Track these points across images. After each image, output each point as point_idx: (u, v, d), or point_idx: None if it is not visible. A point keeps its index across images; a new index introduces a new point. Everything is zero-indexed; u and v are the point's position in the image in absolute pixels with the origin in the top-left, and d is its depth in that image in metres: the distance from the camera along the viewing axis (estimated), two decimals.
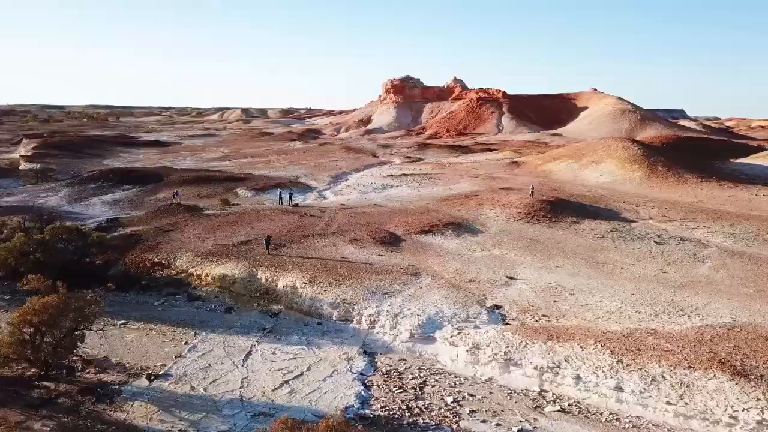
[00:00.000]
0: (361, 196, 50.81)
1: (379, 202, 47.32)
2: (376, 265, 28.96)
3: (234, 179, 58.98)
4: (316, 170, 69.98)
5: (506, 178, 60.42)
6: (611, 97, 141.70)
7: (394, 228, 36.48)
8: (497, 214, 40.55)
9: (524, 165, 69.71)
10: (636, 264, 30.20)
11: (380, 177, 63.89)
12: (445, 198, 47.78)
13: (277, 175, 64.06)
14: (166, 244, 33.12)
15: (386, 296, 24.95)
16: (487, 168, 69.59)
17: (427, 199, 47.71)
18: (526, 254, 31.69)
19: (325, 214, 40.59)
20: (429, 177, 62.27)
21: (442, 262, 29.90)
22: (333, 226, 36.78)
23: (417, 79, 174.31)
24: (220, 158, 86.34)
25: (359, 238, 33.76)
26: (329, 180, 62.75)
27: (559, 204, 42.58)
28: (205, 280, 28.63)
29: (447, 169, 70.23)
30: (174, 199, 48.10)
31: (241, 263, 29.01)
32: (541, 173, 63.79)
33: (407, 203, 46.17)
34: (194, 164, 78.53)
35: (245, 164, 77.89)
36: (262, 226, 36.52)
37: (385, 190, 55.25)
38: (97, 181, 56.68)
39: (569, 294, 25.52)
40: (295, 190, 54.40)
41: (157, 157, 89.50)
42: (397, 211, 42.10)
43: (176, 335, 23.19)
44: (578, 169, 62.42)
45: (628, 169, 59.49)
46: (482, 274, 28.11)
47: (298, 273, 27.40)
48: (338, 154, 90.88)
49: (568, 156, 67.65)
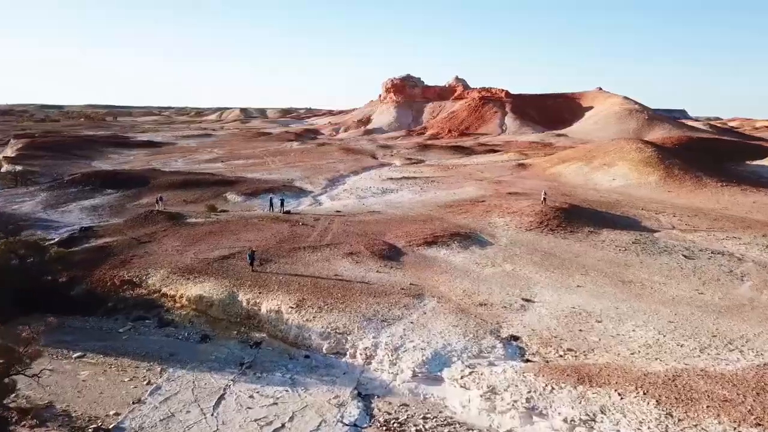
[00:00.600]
0: (359, 202, 47.43)
1: (378, 208, 43.93)
2: (374, 284, 25.58)
3: (224, 183, 55.59)
4: (313, 173, 66.59)
5: (513, 181, 57.01)
6: (617, 97, 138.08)
7: (395, 239, 33.09)
8: (507, 223, 37.15)
9: (531, 167, 66.29)
10: (667, 283, 26.79)
11: (380, 180, 60.50)
12: (449, 204, 44.37)
13: (271, 178, 60.68)
14: (140, 258, 29.72)
15: (385, 324, 21.55)
16: (492, 170, 66.17)
17: (430, 206, 44.32)
18: (542, 270, 28.28)
19: (319, 223, 37.19)
20: (431, 180, 58.86)
21: (448, 281, 26.50)
22: (327, 237, 33.39)
23: (418, 78, 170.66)
24: (213, 160, 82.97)
25: (355, 251, 30.36)
26: (326, 183, 59.35)
27: (574, 211, 39.19)
28: (180, 302, 25.24)
29: (450, 171, 66.82)
30: (157, 205, 44.70)
31: (221, 282, 25.62)
32: (549, 176, 60.37)
33: (408, 210, 42.77)
34: (185, 166, 75.15)
35: (239, 166, 74.51)
36: (249, 237, 33.12)
37: (385, 194, 51.85)
38: (78, 184, 53.31)
39: (596, 321, 22.11)
40: (289, 194, 51.03)
41: (148, 158, 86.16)
42: (397, 220, 38.71)
43: (139, 372, 19.81)
44: (589, 172, 59.01)
45: (643, 173, 56.11)
46: (494, 296, 24.71)
47: (285, 294, 24.01)
48: (336, 155, 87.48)
49: (577, 158, 64.24)
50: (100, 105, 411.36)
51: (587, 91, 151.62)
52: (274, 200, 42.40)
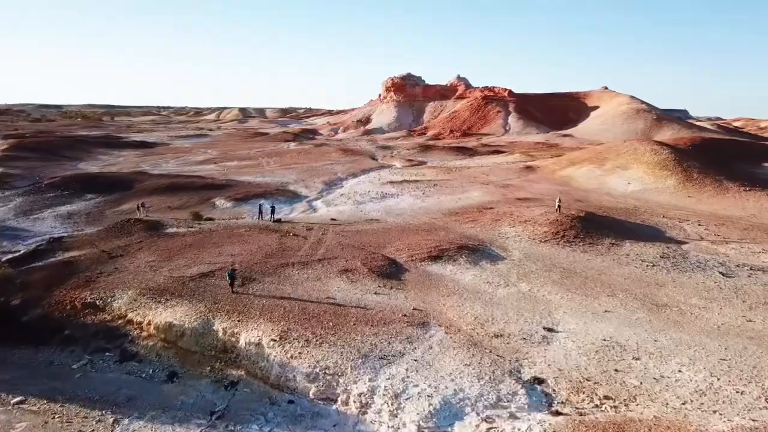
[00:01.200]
0: (357, 208, 44.02)
1: (377, 216, 40.53)
2: (372, 309, 22.19)
3: (213, 187, 52.20)
4: (309, 175, 63.19)
5: (521, 185, 53.58)
6: (624, 96, 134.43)
7: (395, 253, 29.69)
8: (519, 234, 33.74)
9: (539, 170, 62.84)
10: (708, 307, 23.37)
11: (379, 184, 57.09)
12: (454, 211, 40.97)
13: (264, 182, 57.28)
14: (108, 276, 26.33)
15: (384, 363, 18.16)
16: (498, 173, 62.74)
17: (434, 213, 40.91)
18: (563, 291, 24.87)
19: (312, 234, 33.79)
20: (434, 184, 55.44)
21: (457, 304, 23.10)
22: (319, 251, 29.98)
23: (418, 77, 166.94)
24: (206, 161, 79.55)
25: (351, 268, 26.95)
26: (322, 187, 55.94)
27: (592, 220, 35.77)
28: (147, 331, 21.84)
29: (453, 174, 63.38)
30: (138, 212, 41.38)
31: (196, 306, 22.24)
32: (560, 180, 56.94)
33: (410, 218, 39.36)
34: (176, 168, 71.71)
35: (232, 168, 71.11)
36: (233, 251, 29.73)
37: (385, 200, 48.43)
38: (57, 188, 49.95)
39: (633, 358, 18.70)
40: (281, 200, 47.63)
41: (139, 159, 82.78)
42: (398, 229, 35.31)
43: (87, 425, 16.43)
44: (602, 175, 55.58)
45: (659, 176, 52.69)
46: (511, 324, 21.30)
47: (267, 323, 20.62)
48: (334, 156, 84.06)
49: (588, 160, 60.81)
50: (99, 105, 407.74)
51: (592, 91, 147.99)
52: (263, 207, 38.98)
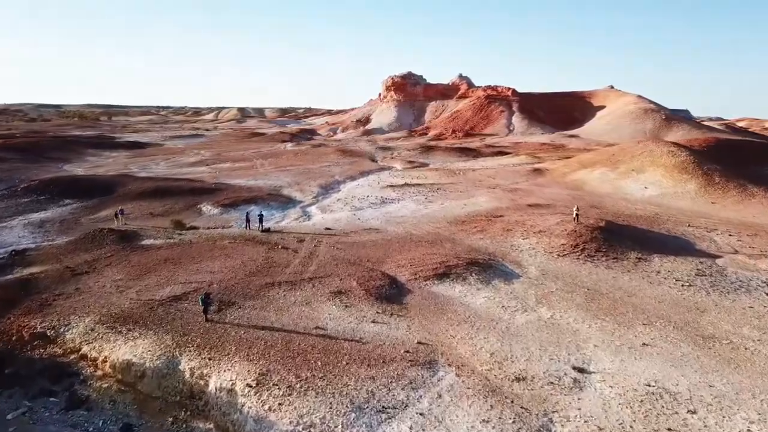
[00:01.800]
0: (354, 216, 40.60)
1: (376, 224, 37.11)
2: (368, 343, 18.80)
3: (201, 191, 48.78)
4: (304, 178, 59.78)
5: (530, 190, 50.15)
6: (631, 95, 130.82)
7: (396, 269, 26.29)
8: (534, 247, 30.32)
9: (549, 173, 59.40)
10: (764, 339, 19.94)
11: (379, 187, 53.68)
12: (460, 219, 37.55)
13: (256, 185, 53.86)
14: (67, 298, 22.96)
15: (383, 418, 14.77)
16: (505, 176, 59.31)
17: (438, 221, 37.49)
18: (591, 318, 21.46)
19: (303, 246, 30.39)
20: (437, 188, 52.02)
21: (468, 336, 19.70)
22: (310, 267, 26.57)
23: (419, 75, 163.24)
24: (198, 163, 76.14)
25: (345, 289, 23.55)
26: (317, 191, 52.52)
27: (613, 230, 32.35)
28: (102, 369, 18.48)
29: (457, 177, 59.95)
30: (116, 221, 38.05)
31: (161, 339, 18.86)
32: (571, 184, 53.52)
33: (412, 227, 35.94)
34: (165, 170, 68.32)
35: (224, 170, 67.69)
36: (213, 267, 26.34)
37: (385, 205, 45.02)
38: (33, 193, 46.56)
39: (688, 411, 15.29)
40: (273, 206, 44.23)
41: (128, 160, 79.40)
42: (399, 241, 31.89)
43: None
44: (616, 179, 52.14)
45: (679, 180, 49.25)
46: (534, 363, 17.89)
47: (243, 362, 17.24)
48: (332, 157, 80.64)
49: (600, 162, 57.37)
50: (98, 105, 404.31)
51: (598, 90, 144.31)
52: (251, 215, 35.54)
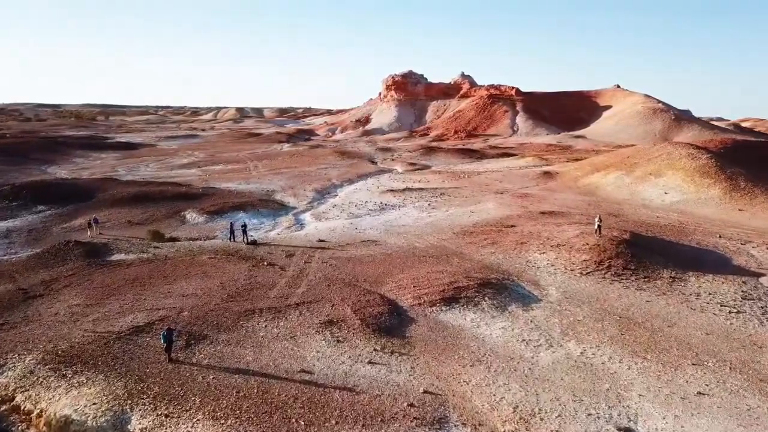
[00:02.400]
0: (351, 225, 37.15)
1: (375, 235, 33.65)
2: (364, 393, 15.37)
3: (187, 197, 45.34)
4: (299, 182, 56.36)
5: (542, 195, 46.68)
6: (638, 95, 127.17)
7: (397, 291, 22.86)
8: (552, 263, 26.86)
9: (559, 177, 55.92)
10: None
11: (378, 192, 50.25)
12: (467, 229, 34.08)
13: (247, 190, 50.43)
14: (10, 329, 19.54)
15: None
16: (513, 180, 55.84)
17: (443, 231, 34.03)
18: (629, 356, 17.99)
19: (292, 262, 26.95)
20: (441, 193, 48.57)
21: (485, 383, 16.25)
22: (298, 290, 23.13)
23: (420, 74, 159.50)
24: (189, 164, 72.71)
25: (338, 317, 20.11)
26: (313, 196, 49.09)
27: (639, 243, 28.89)
28: (37, 426, 15.04)
29: (462, 180, 56.50)
30: (89, 231, 34.64)
31: (112, 386, 15.45)
32: (584, 188, 50.04)
33: (415, 238, 32.48)
34: (153, 172, 64.92)
35: (215, 173, 64.26)
36: (186, 289, 22.90)
37: (385, 212, 41.59)
38: (4, 198, 43.11)
39: None
40: (264, 213, 40.81)
41: (117, 162, 76.01)
42: (401, 255, 28.44)
43: None
44: (633, 183, 48.66)
45: (701, 185, 45.77)
46: (568, 421, 14.43)
47: (208, 421, 13.83)
48: (330, 159, 77.20)
49: (615, 166, 53.90)
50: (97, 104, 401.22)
51: (604, 89, 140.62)
52: (235, 226, 32.05)
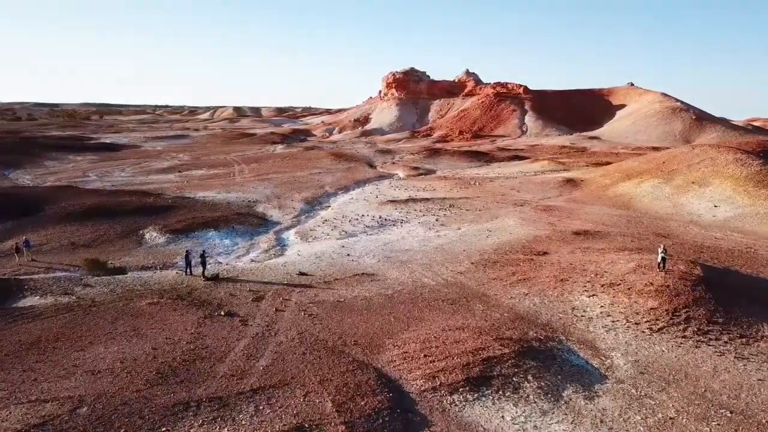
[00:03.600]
0: (343, 249, 30.27)
1: (371, 264, 26.75)
2: None
3: (153, 209, 38.49)
4: (287, 189, 49.52)
5: (569, 208, 39.78)
6: (654, 93, 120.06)
7: (402, 365, 16.00)
8: (608, 311, 19.97)
9: (584, 185, 48.95)
10: None
11: (377, 203, 43.40)
12: (489, 257, 27.14)
13: (226, 200, 43.56)
14: None
15: None
16: (532, 189, 48.92)
17: (458, 259, 27.11)
18: None
19: (260, 310, 20.07)
20: (450, 205, 41.69)
21: None
22: (260, 361, 16.23)
23: (423, 72, 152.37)
24: (168, 169, 65.85)
25: (312, 420, 13.21)
26: (301, 208, 42.24)
27: (716, 281, 21.95)
28: None
29: (473, 189, 49.62)
30: (17, 257, 27.91)
31: None
32: (616, 199, 43.11)
33: (423, 269, 25.57)
34: (126, 179, 58.11)
35: (195, 178, 57.43)
36: (102, 361, 16.03)
37: (384, 230, 34.76)
38: None
39: None
40: (239, 231, 33.98)
41: (90, 166, 69.22)
42: (405, 299, 21.54)
43: None
44: (674, 194, 41.74)
45: (756, 196, 38.89)
46: None
47: None
48: (324, 162, 70.31)
49: (649, 172, 46.98)
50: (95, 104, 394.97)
51: (617, 87, 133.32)
52: (192, 255, 25.05)
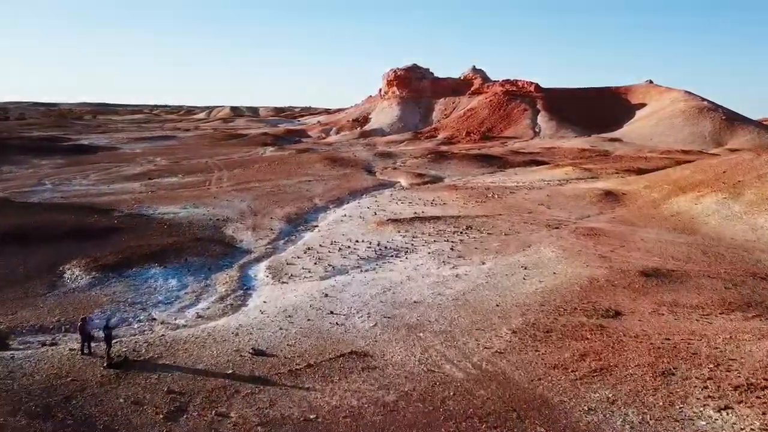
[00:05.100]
0: (327, 299, 21.88)
1: (365, 333, 18.33)
2: None
3: (90, 232, 30.23)
4: (268, 203, 41.25)
5: (617, 233, 31.39)
6: (677, 91, 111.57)
7: None
8: None
9: (628, 199, 40.50)
10: None
11: (375, 222, 35.06)
12: (535, 319, 18.73)
13: (189, 218, 35.24)
14: None
15: None
16: (562, 202, 40.54)
17: (490, 323, 18.72)
18: None
19: None
20: (466, 226, 33.33)
21: None
22: None
23: (426, 69, 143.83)
24: (137, 176, 57.59)
25: None
26: (280, 229, 33.99)
27: None
28: None
29: (492, 203, 41.26)
30: None
31: None
32: (673, 220, 34.72)
33: (442, 346, 17.16)
34: (84, 188, 49.92)
35: (163, 188, 49.17)
36: None
37: (384, 265, 26.44)
38: None
39: None
40: (193, 266, 25.69)
41: (51, 172, 61.11)
42: (417, 421, 13.16)
43: None
44: (747, 213, 33.33)
45: None
46: None
47: None
48: (317, 168, 62.01)
49: (706, 184, 38.62)
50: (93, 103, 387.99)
51: (636, 85, 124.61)
52: (91, 327, 16.59)
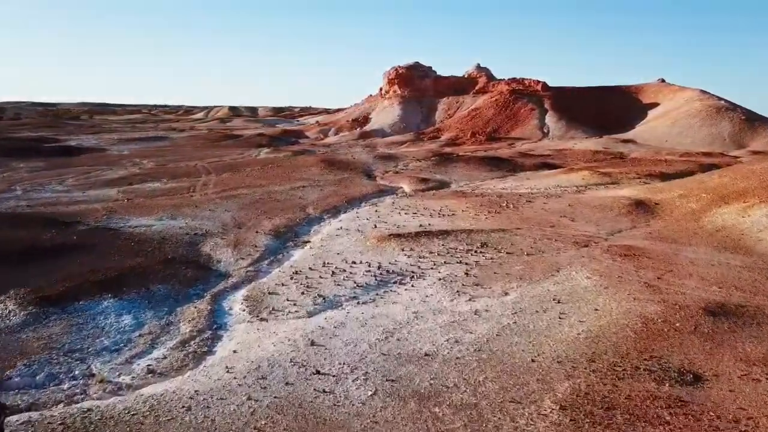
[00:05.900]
0: (313, 348, 17.39)
1: (358, 409, 13.81)
2: None
3: (42, 253, 25.81)
4: (256, 213, 36.79)
5: (659, 252, 26.86)
6: (692, 90, 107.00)
7: None
8: None
9: (663, 210, 35.95)
10: None
11: (376, 238, 30.55)
12: (586, 383, 14.25)
13: (162, 232, 30.77)
14: None
15: None
16: (587, 214, 36.01)
17: (528, 391, 14.24)
18: None
19: None
20: (482, 243, 28.82)
21: None
22: None
23: (428, 67, 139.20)
24: (117, 180, 53.15)
25: None
26: (266, 246, 29.50)
27: None
28: None
29: (508, 215, 36.74)
30: None
31: None
32: (719, 235, 30.19)
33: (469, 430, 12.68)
34: (57, 193, 45.47)
35: (143, 195, 44.73)
36: None
37: (386, 296, 21.97)
38: None
39: None
40: (157, 297, 21.23)
41: (26, 176, 56.78)
42: None
43: None
44: None
45: None
46: None
47: None
48: (312, 172, 57.54)
49: (750, 193, 34.10)
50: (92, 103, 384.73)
51: (647, 84, 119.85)
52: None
